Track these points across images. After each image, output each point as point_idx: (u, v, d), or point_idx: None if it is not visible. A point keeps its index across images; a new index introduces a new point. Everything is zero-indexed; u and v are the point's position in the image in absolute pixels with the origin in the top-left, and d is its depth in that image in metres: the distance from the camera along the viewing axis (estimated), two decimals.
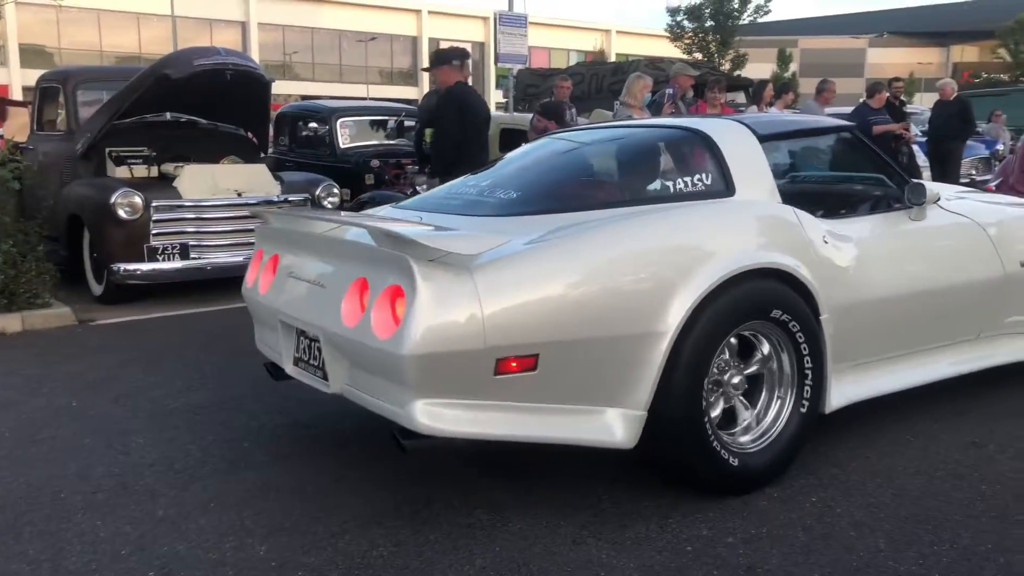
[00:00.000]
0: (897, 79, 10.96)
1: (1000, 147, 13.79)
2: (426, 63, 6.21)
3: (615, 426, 2.67)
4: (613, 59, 36.30)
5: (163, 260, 6.14)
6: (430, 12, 48.21)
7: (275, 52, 43.78)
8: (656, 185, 3.31)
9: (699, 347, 2.72)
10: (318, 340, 2.83)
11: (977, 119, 11.49)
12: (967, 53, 59.17)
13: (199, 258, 6.28)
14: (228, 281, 6.54)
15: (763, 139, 3.32)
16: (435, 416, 2.49)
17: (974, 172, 12.28)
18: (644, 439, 2.72)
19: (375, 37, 45.37)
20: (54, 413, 3.91)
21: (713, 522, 2.72)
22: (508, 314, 2.48)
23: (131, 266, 6.03)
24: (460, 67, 5.81)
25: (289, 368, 3.09)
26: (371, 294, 2.58)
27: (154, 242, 6.13)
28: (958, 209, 3.85)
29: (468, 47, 7.76)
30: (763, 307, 2.88)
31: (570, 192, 3.47)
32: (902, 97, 11.15)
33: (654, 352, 2.66)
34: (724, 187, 3.15)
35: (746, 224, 3.03)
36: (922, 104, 17.69)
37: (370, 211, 3.98)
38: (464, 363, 2.45)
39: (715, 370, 2.85)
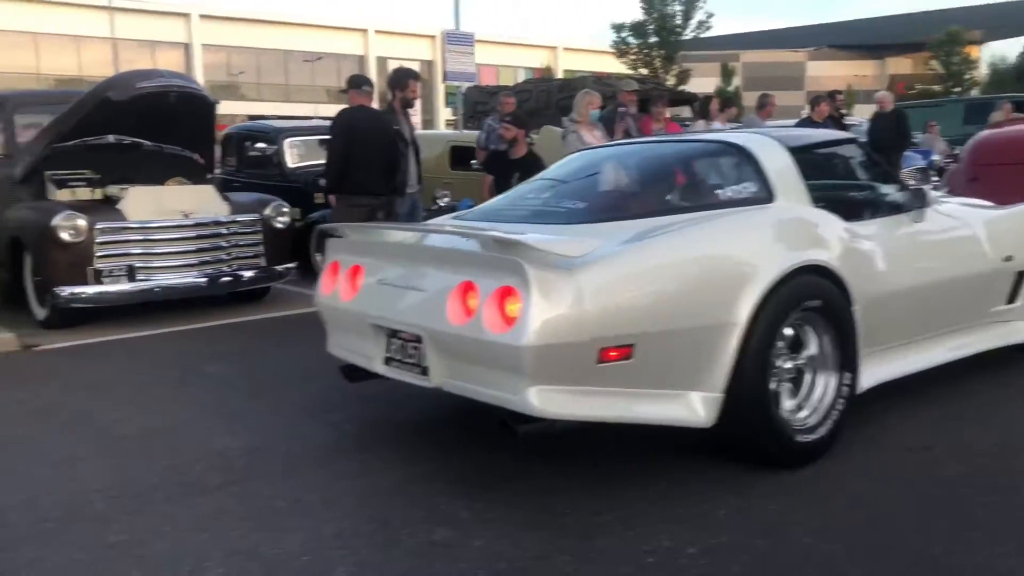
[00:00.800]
0: (837, 92, 11.25)
1: (935, 157, 14.20)
2: (374, 82, 6.35)
3: (698, 407, 2.99)
4: (560, 76, 36.63)
5: (109, 283, 6.00)
6: (377, 31, 48.14)
7: (220, 72, 43.24)
8: (708, 193, 3.82)
9: (764, 335, 3.06)
10: (418, 339, 3.09)
11: (912, 130, 11.85)
12: (901, 65, 61.05)
13: (147, 280, 6.15)
14: (176, 303, 6.42)
15: (792, 151, 3.68)
16: (547, 401, 2.76)
17: (912, 182, 12.61)
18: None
19: (321, 57, 45.12)
20: None
21: (674, 533, 2.73)
22: (609, 309, 2.80)
23: (76, 289, 5.87)
24: (369, 93, 6.17)
25: (379, 368, 3.34)
26: (481, 295, 2.86)
27: (99, 264, 5.98)
28: (948, 212, 4.29)
29: (416, 66, 7.77)
30: (811, 298, 3.22)
31: (634, 201, 3.89)
32: (842, 110, 11.46)
33: (729, 340, 2.99)
34: (766, 194, 3.50)
35: (793, 226, 3.42)
36: (860, 116, 18.18)
37: (435, 222, 4.32)
38: (572, 353, 2.75)
39: (775, 355, 3.14)
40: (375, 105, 6.31)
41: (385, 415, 4.00)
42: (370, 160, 5.91)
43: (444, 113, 36.41)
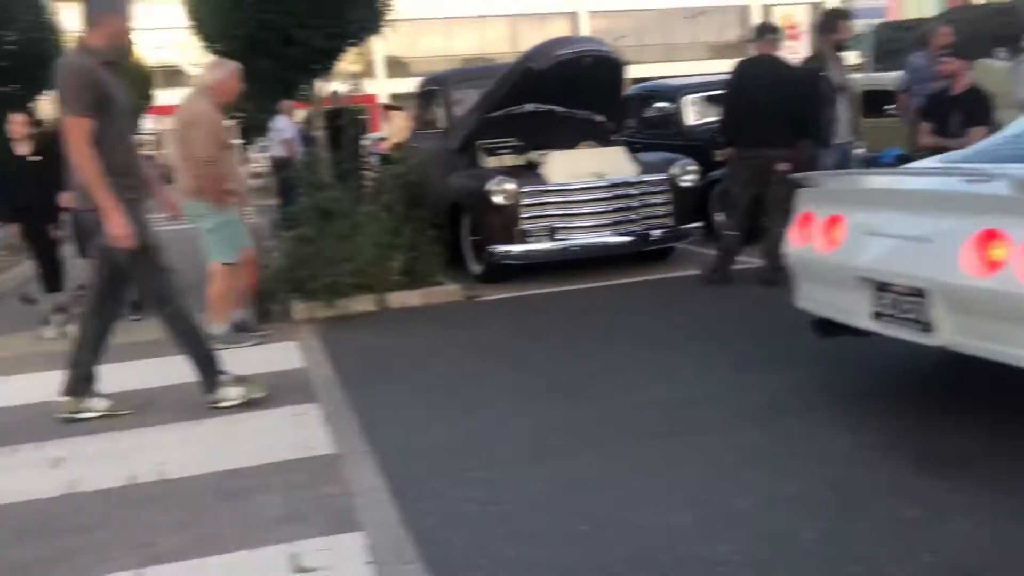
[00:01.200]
0: None
1: None
2: (754, 33, 6.15)
3: None
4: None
5: (533, 242, 6.51)
6: None
7: (605, 38, 44.64)
8: None
9: None
10: (919, 293, 2.89)
11: None
12: None
13: (564, 239, 6.57)
14: (583, 261, 6.75)
15: None
16: None
17: None
18: None
19: (704, 12, 44.41)
20: (462, 377, 4.31)
21: None
22: None
23: (507, 247, 6.48)
24: (773, 41, 5.99)
25: (863, 322, 3.19)
26: (1012, 244, 2.58)
27: (524, 225, 6.52)
28: None
29: (803, 9, 7.25)
30: None
31: None
32: None
33: None
34: None
35: None
36: None
37: (924, 164, 3.94)
38: None
39: None
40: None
41: (820, 378, 3.81)
42: (763, 111, 5.68)
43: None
